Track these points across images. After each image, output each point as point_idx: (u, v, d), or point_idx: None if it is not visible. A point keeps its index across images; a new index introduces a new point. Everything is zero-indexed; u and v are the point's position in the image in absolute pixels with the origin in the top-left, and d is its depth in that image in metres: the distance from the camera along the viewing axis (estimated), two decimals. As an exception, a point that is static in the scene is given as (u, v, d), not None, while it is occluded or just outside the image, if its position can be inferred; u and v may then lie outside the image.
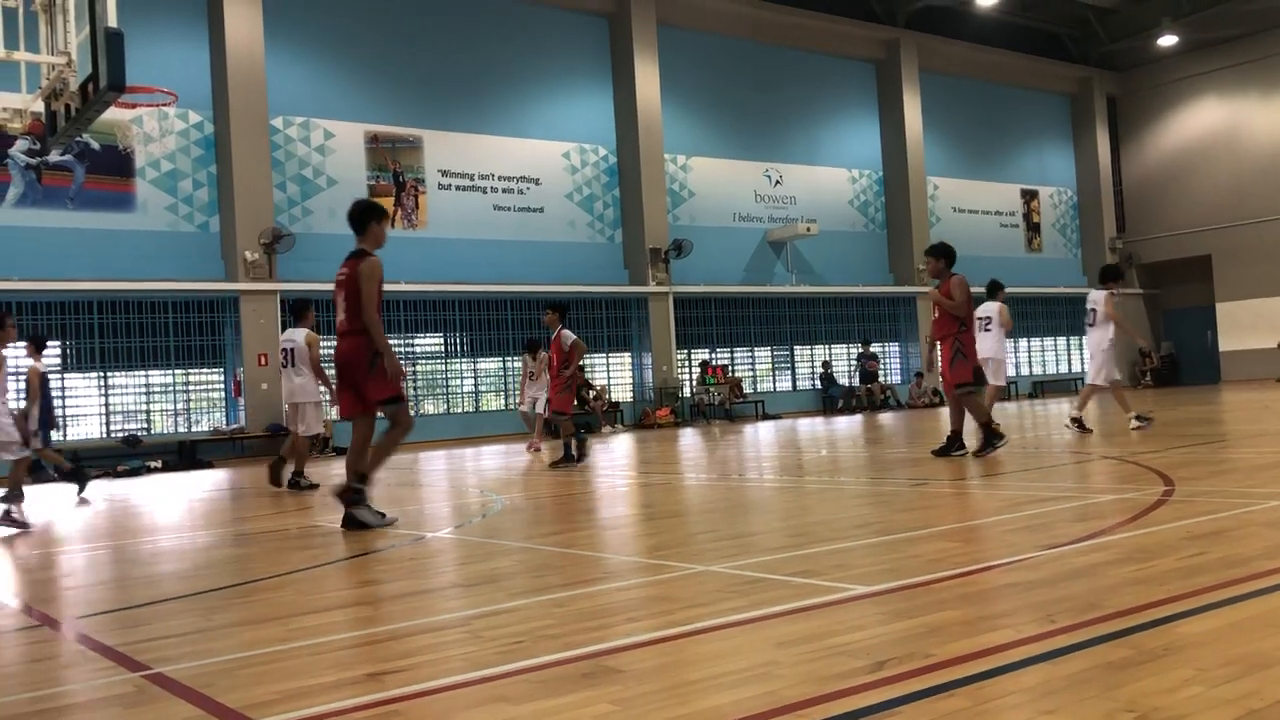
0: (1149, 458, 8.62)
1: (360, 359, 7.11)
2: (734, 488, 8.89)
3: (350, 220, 7.54)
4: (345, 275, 7.24)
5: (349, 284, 7.16)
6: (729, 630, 3.52)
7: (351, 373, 7.17)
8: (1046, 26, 33.77)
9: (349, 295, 7.15)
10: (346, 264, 7.31)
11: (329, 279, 22.77)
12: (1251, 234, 32.44)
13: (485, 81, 23.49)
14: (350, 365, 7.16)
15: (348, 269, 7.25)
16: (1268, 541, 4.53)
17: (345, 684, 3.12)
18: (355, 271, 7.15)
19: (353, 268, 7.20)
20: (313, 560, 5.99)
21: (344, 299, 7.20)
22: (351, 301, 7.14)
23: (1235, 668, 2.71)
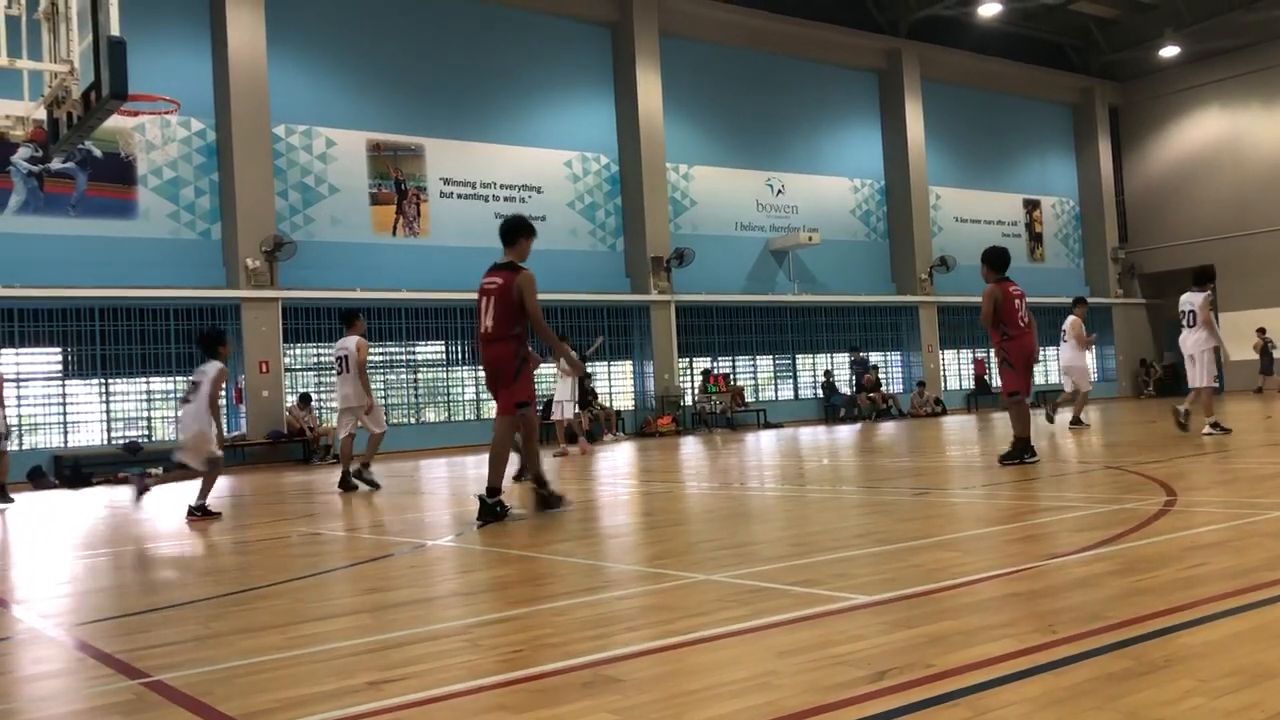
0: (1151, 468, 8.60)
1: (508, 364, 7.59)
2: (735, 496, 8.88)
3: (503, 233, 7.94)
4: (497, 285, 7.57)
5: (501, 294, 7.52)
6: (729, 640, 3.51)
7: (496, 378, 7.68)
8: (1048, 36, 33.83)
9: (499, 304, 7.52)
10: (498, 274, 7.64)
11: (331, 286, 22.81)
12: (1254, 244, 32.44)
13: (487, 90, 23.53)
14: (496, 371, 7.66)
15: (501, 279, 7.58)
16: (1270, 552, 4.52)
17: (345, 692, 3.11)
18: (511, 283, 7.51)
19: (508, 280, 7.54)
20: (312, 568, 5.98)
21: (492, 306, 7.55)
22: (500, 310, 7.52)
23: (1237, 679, 2.70)
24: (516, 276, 7.54)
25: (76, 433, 18.93)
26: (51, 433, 18.74)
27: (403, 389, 22.63)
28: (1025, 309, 9.98)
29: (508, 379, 7.60)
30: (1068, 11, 32.35)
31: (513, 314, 7.52)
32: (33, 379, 18.81)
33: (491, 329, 7.58)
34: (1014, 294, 10.02)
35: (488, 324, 7.60)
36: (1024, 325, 9.92)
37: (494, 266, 7.79)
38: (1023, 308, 9.96)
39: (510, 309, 7.51)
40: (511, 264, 7.70)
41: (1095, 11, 32.95)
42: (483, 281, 7.74)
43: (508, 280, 7.54)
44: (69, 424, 18.86)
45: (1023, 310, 9.95)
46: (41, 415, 18.81)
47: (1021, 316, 9.93)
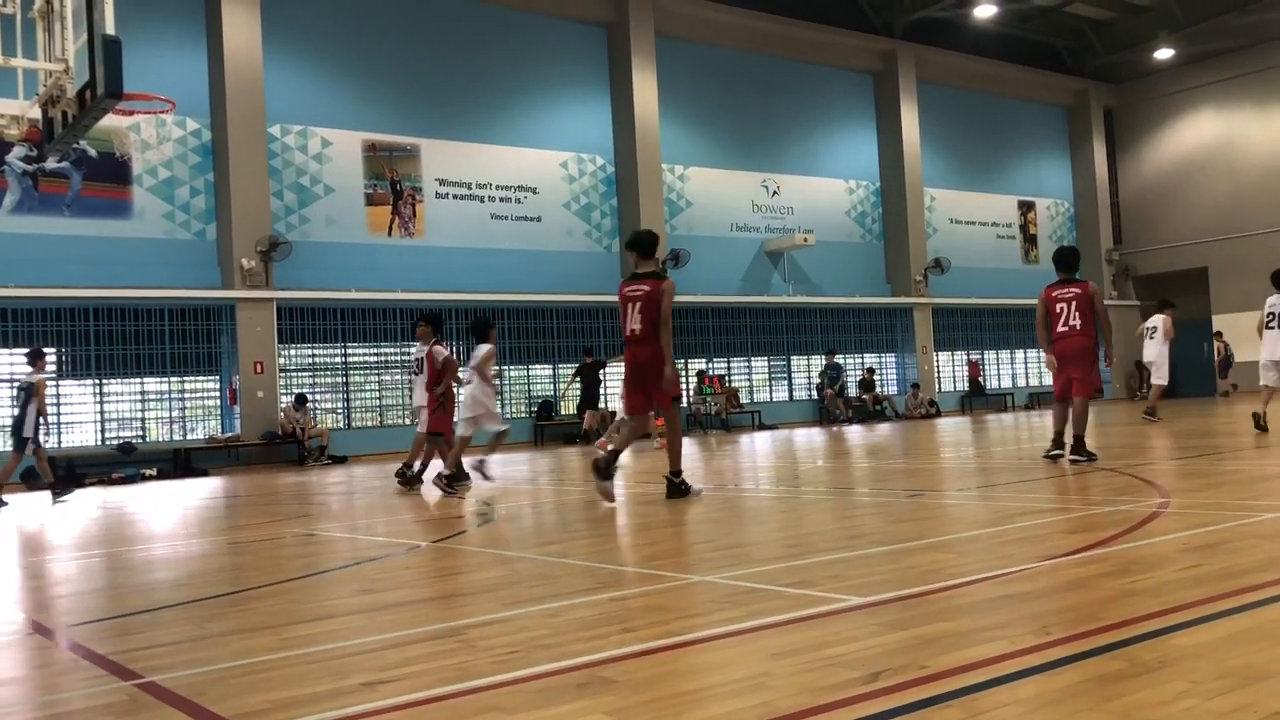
0: (1145, 469, 8.62)
1: (656, 364, 8.39)
2: (730, 498, 8.88)
3: (640, 245, 8.75)
4: (644, 292, 8.43)
5: (648, 299, 8.38)
6: (724, 641, 3.51)
7: (647, 376, 8.45)
8: (1043, 38, 33.89)
9: (646, 309, 8.39)
10: (643, 282, 8.50)
11: (326, 287, 22.78)
12: (1248, 246, 32.50)
13: (483, 90, 23.52)
14: (648, 369, 8.43)
15: (648, 287, 8.44)
16: (1264, 554, 4.53)
17: (339, 693, 3.11)
18: (658, 291, 8.37)
19: (654, 287, 8.41)
20: (306, 569, 5.97)
21: (639, 311, 8.43)
22: (647, 314, 8.38)
23: (1230, 680, 2.71)
24: (661, 285, 8.41)
25: (70, 433, 18.89)
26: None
27: (398, 390, 22.60)
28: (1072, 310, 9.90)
29: (658, 375, 8.38)
30: (1062, 13, 32.42)
31: (657, 317, 8.36)
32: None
33: (640, 331, 8.43)
34: (1052, 298, 10.16)
35: (635, 327, 8.46)
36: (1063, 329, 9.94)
37: (635, 276, 8.62)
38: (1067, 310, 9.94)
39: (656, 313, 8.35)
40: (654, 273, 8.57)
41: (1090, 14, 33.01)
42: (625, 290, 8.61)
43: (654, 287, 8.41)
44: (63, 424, 18.81)
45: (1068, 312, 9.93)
46: (35, 415, 18.76)
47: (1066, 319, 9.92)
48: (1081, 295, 9.90)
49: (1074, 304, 9.88)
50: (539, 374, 24.40)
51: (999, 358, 32.87)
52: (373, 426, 21.98)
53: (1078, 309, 9.84)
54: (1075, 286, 10.03)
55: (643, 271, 8.61)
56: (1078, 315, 9.84)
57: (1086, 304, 9.84)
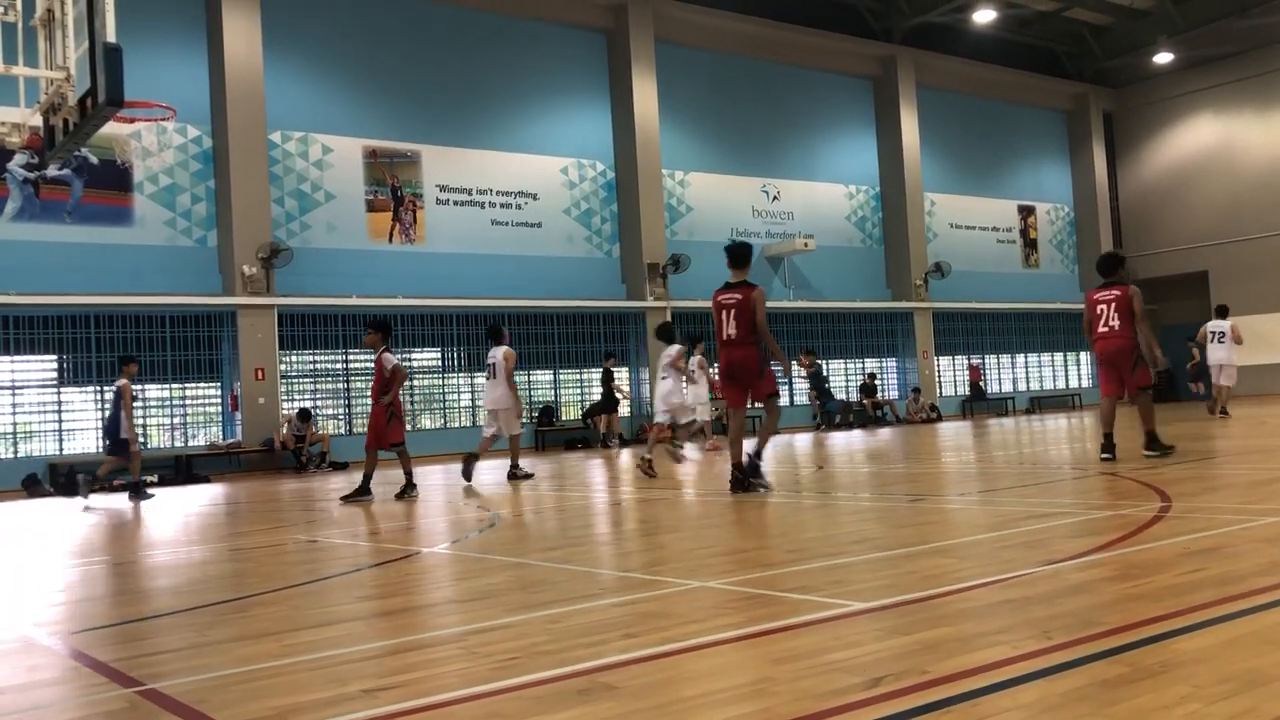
0: (1146, 474, 8.61)
1: (753, 365, 9.24)
2: (731, 503, 8.88)
3: (736, 256, 9.49)
4: (737, 300, 9.22)
5: (741, 307, 9.18)
6: (724, 646, 3.51)
7: (743, 375, 9.29)
8: (1043, 43, 33.92)
9: (740, 315, 9.18)
10: (736, 291, 9.29)
11: (327, 293, 22.78)
12: (1248, 250, 32.51)
13: (483, 96, 23.55)
14: (743, 369, 9.27)
15: (740, 295, 9.22)
16: (1265, 558, 4.53)
17: (340, 700, 3.11)
18: (749, 299, 9.16)
19: (746, 295, 9.20)
20: (308, 575, 5.97)
21: (734, 318, 9.21)
22: (742, 320, 9.17)
23: (1232, 685, 2.71)
24: (752, 292, 9.18)
25: (72, 440, 18.89)
26: (47, 440, 18.70)
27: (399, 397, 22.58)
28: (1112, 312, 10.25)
29: (754, 375, 9.27)
30: (1062, 18, 32.45)
31: (752, 323, 9.13)
32: (28, 386, 18.78)
33: (735, 335, 9.22)
34: (1093, 300, 10.52)
35: (730, 331, 9.25)
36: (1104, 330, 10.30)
37: (728, 285, 9.39)
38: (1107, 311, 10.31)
39: (749, 318, 9.12)
40: (745, 282, 9.32)
41: (1089, 18, 33.05)
42: (720, 298, 9.37)
43: (746, 295, 9.18)
44: (64, 431, 18.82)
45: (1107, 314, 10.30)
46: (37, 423, 18.77)
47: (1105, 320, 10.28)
48: (1121, 298, 10.25)
49: (1113, 305, 10.25)
50: (540, 379, 24.39)
51: (1000, 362, 32.86)
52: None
53: (1117, 310, 10.21)
54: (1115, 289, 10.36)
55: (735, 281, 9.39)
56: (1117, 317, 10.20)
57: (1125, 306, 10.18)
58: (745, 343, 9.19)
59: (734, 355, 9.30)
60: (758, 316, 9.11)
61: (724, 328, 9.31)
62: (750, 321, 9.13)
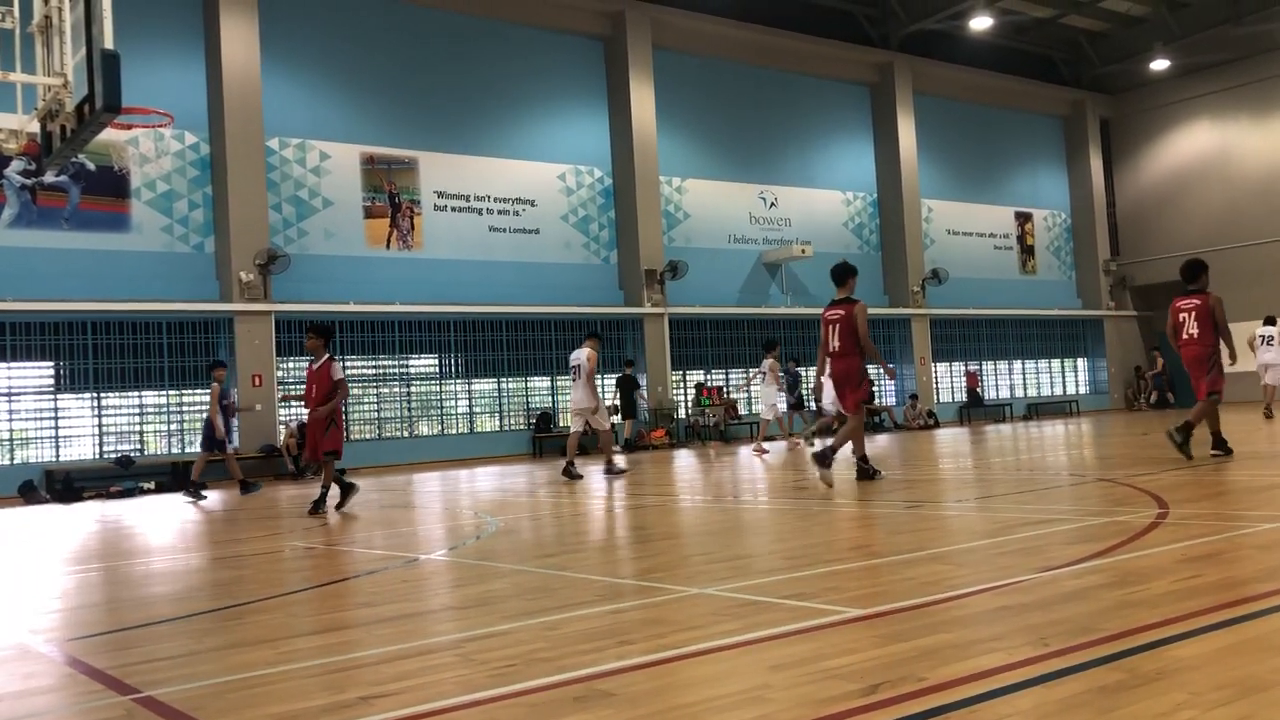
0: (1143, 480, 8.62)
1: (852, 374, 10.18)
2: (728, 510, 8.88)
3: (836, 275, 10.50)
4: (840, 315, 10.16)
5: (844, 322, 10.09)
6: (722, 653, 3.51)
7: (844, 383, 10.24)
8: (1039, 50, 34.00)
9: (843, 329, 10.09)
10: (840, 307, 10.24)
11: (325, 300, 22.75)
12: (1244, 257, 32.55)
13: (481, 103, 23.58)
14: (845, 378, 10.22)
15: (842, 310, 10.17)
16: (1262, 564, 4.53)
17: (336, 707, 3.10)
18: (850, 314, 10.08)
19: (848, 310, 10.13)
20: (305, 582, 5.97)
21: (838, 331, 10.14)
22: (845, 334, 10.08)
23: (1229, 691, 2.71)
24: (854, 308, 10.11)
25: (68, 447, 18.86)
26: (43, 447, 18.67)
27: (395, 402, 22.60)
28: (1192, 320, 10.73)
29: (854, 384, 10.18)
30: (1058, 25, 32.54)
31: (855, 335, 10.02)
32: (24, 393, 18.75)
33: (839, 348, 10.17)
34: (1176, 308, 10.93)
35: (835, 344, 10.20)
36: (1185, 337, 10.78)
37: (834, 302, 10.36)
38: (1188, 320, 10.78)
39: (852, 332, 10.03)
40: (848, 298, 10.24)
41: (1086, 25, 33.14)
42: (826, 314, 10.36)
43: (848, 311, 10.11)
44: (60, 438, 18.79)
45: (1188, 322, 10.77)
46: (33, 429, 18.75)
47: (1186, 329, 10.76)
48: (1201, 306, 10.68)
49: (1194, 314, 10.71)
50: (537, 386, 24.38)
51: (997, 368, 32.88)
52: (370, 439, 21.97)
53: (1197, 319, 10.65)
54: (1196, 298, 10.78)
55: (839, 298, 10.34)
56: (1196, 325, 10.64)
57: (1206, 314, 10.60)
58: (847, 354, 10.13)
59: (837, 365, 10.26)
60: (860, 328, 10.00)
61: (829, 340, 10.27)
62: (851, 335, 10.05)
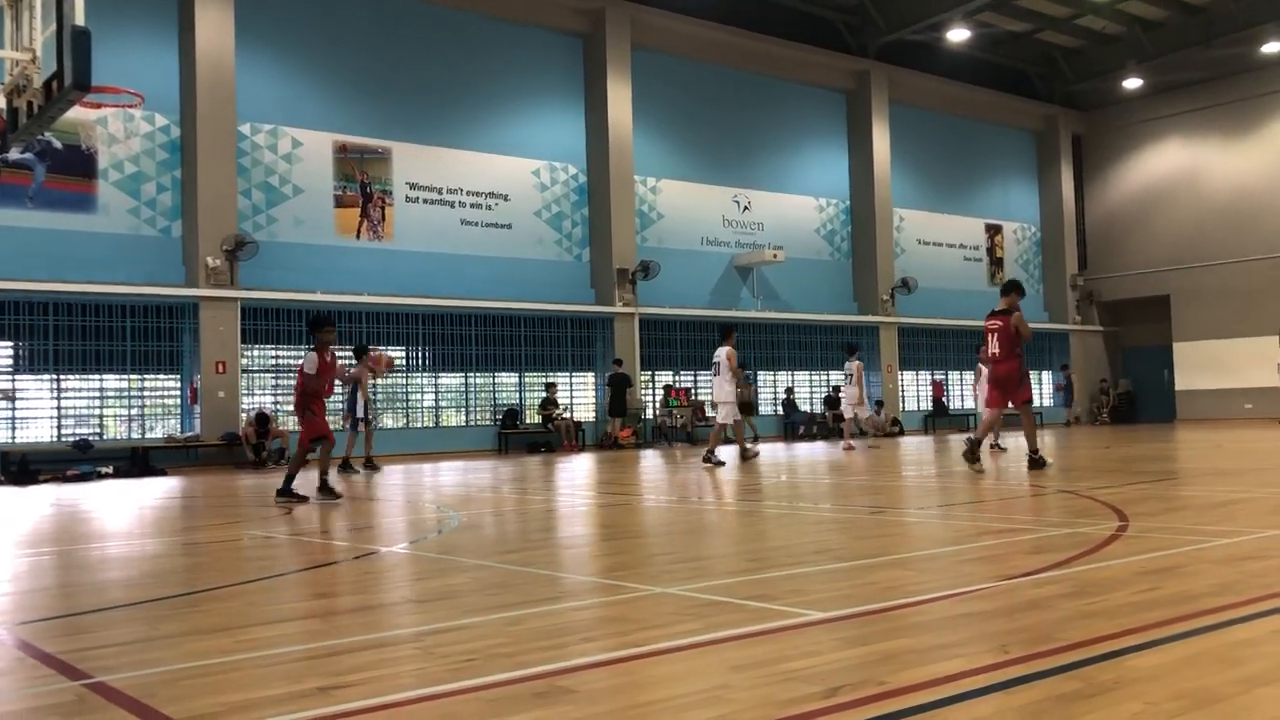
0: (1104, 493, 8.70)
1: (1013, 376, 11.47)
2: (694, 510, 8.88)
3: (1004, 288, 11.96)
4: (1000, 324, 11.46)
5: (1003, 330, 11.40)
6: (684, 653, 3.50)
7: (1006, 385, 11.50)
8: (1015, 64, 34.30)
9: (1002, 337, 11.41)
10: (999, 317, 11.56)
11: (292, 288, 22.57)
12: (1209, 276, 33.02)
13: (457, 96, 23.47)
14: (1006, 380, 11.50)
15: (1002, 321, 11.46)
16: (1217, 579, 4.58)
17: (293, 697, 3.07)
18: (1009, 323, 11.37)
19: (1006, 321, 11.42)
20: (264, 571, 5.91)
21: (997, 339, 11.46)
22: (1004, 341, 11.39)
23: (1183, 702, 2.73)
24: (1011, 318, 11.38)
25: (25, 429, 18.59)
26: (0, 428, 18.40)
27: (362, 393, 22.41)
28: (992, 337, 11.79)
29: (1014, 386, 11.47)
30: (1034, 40, 32.83)
31: (1012, 342, 11.36)
32: (-17, 372, 18.47)
33: (999, 353, 11.46)
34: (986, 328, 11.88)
35: (994, 350, 11.54)
36: None
37: (994, 312, 11.73)
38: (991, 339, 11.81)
39: (1010, 339, 11.37)
40: (1007, 309, 11.52)
41: (1061, 41, 33.46)
42: (987, 323, 11.73)
43: (1006, 321, 11.40)
44: (17, 420, 18.52)
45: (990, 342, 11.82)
46: (-10, 409, 18.48)
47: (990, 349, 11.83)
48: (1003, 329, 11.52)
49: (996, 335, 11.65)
50: (505, 382, 24.30)
51: (963, 378, 33.12)
52: (334, 429, 21.77)
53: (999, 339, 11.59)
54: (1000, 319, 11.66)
55: (1000, 309, 11.65)
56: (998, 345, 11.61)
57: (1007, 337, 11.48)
58: (1007, 359, 11.40)
59: (998, 370, 11.59)
60: (1023, 333, 11.32)
61: (989, 346, 11.61)
62: (1011, 342, 11.34)
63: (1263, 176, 32.25)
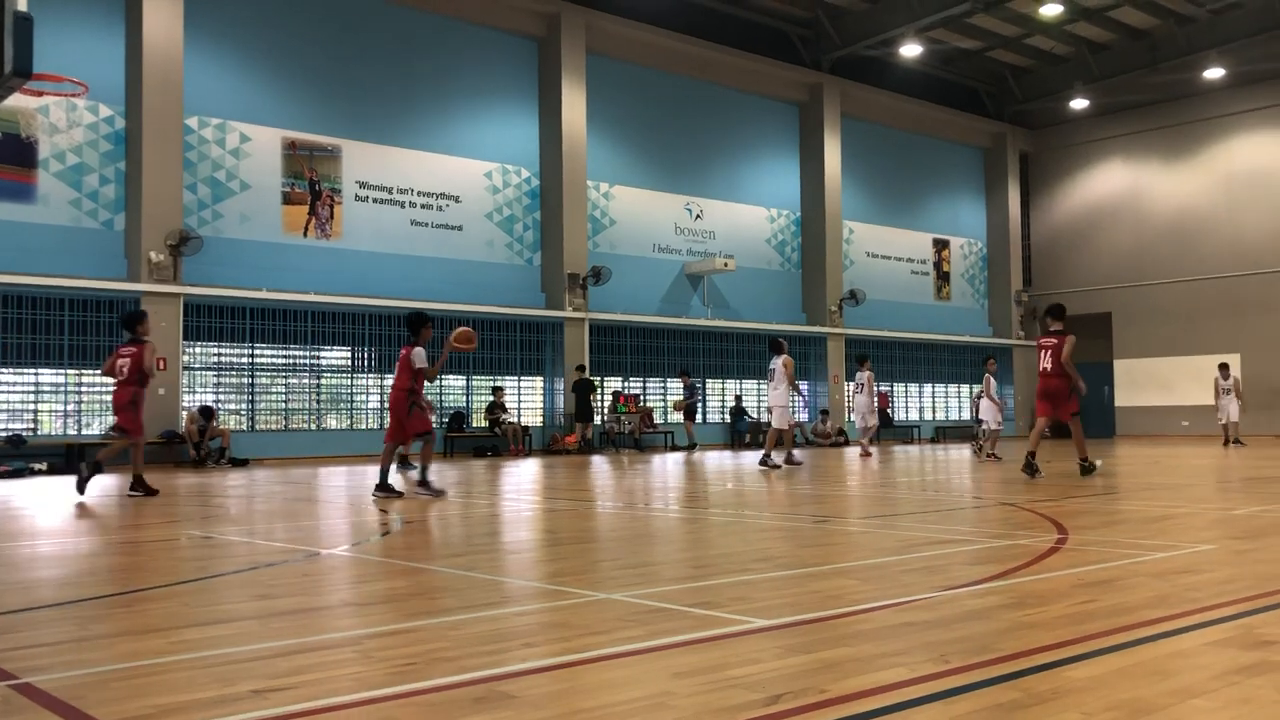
0: (1044, 506, 8.83)
1: (1063, 392, 12.47)
2: (639, 517, 8.87)
3: (1052, 311, 13.05)
4: (1053, 344, 12.48)
5: (1055, 349, 12.42)
6: (626, 659, 3.48)
7: (1055, 398, 12.56)
8: (965, 81, 34.80)
9: (1054, 355, 12.42)
10: (1053, 336, 12.62)
11: (237, 285, 22.30)
12: (1150, 295, 33.72)
13: (410, 95, 23.31)
14: (1056, 394, 12.55)
15: (1056, 340, 12.49)
16: (1153, 592, 4.65)
17: (226, 700, 3.01)
18: (1061, 342, 12.43)
19: (1061, 340, 12.46)
20: (201, 572, 5.80)
21: (1050, 356, 12.49)
22: (1055, 358, 12.39)
23: (1119, 713, 2.76)
24: (1065, 339, 12.45)
25: (-43, 422, 18.13)
26: (-70, 421, 17.92)
27: (304, 394, 22.18)
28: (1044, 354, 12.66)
29: (1063, 399, 12.51)
30: (985, 58, 33.33)
31: (1063, 361, 12.32)
32: (-87, 364, 17.98)
33: (1050, 369, 12.48)
34: None
35: (1046, 365, 12.55)
36: None
37: (1049, 332, 12.79)
38: None
39: (1060, 359, 12.33)
40: (1063, 330, 12.61)
41: (1011, 60, 34.01)
42: (1041, 340, 12.93)
43: (1060, 340, 12.44)
44: (-50, 413, 18.06)
45: None
46: (-80, 402, 17.99)
47: None
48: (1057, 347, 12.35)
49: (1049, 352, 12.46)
50: (451, 385, 24.14)
51: (908, 390, 33.48)
52: (277, 430, 21.52)
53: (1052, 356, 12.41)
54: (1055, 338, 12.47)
55: (1053, 329, 12.74)
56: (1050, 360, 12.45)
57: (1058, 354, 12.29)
58: (1057, 375, 12.40)
59: (1049, 384, 12.59)
60: (1066, 352, 12.28)
61: (1041, 362, 12.66)
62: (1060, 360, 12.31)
63: (1203, 199, 33.00)
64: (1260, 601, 4.32)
